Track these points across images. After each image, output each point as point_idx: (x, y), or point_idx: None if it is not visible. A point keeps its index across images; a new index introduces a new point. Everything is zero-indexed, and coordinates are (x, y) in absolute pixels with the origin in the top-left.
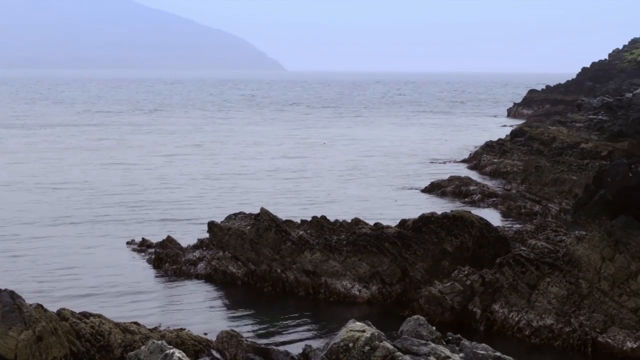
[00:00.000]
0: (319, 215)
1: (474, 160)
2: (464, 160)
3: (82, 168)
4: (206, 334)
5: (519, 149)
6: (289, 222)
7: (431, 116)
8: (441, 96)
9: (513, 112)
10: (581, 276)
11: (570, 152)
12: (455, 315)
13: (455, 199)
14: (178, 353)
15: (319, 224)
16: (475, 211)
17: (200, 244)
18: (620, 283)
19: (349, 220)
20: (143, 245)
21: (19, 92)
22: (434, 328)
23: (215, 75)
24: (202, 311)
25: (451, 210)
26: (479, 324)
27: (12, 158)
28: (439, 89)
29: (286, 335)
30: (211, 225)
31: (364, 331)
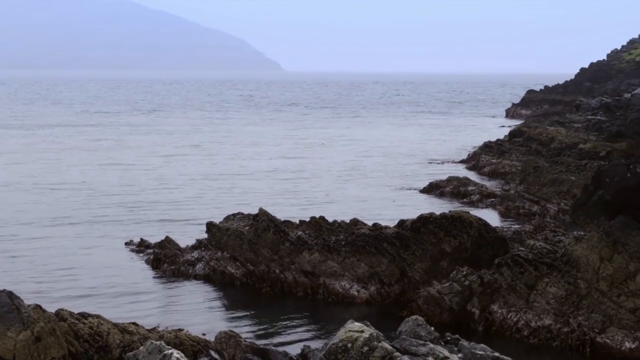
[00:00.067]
0: (318, 216)
1: (473, 161)
2: (462, 161)
3: (81, 168)
4: (205, 335)
5: (517, 149)
6: (287, 223)
7: (429, 116)
8: (439, 97)
9: (511, 113)
10: (580, 276)
11: (569, 153)
12: (453, 315)
13: (453, 200)
14: (176, 354)
15: (318, 224)
16: (474, 211)
17: (198, 244)
18: (619, 283)
19: (348, 221)
20: (141, 246)
21: (17, 93)
22: (432, 328)
23: (213, 75)
24: (201, 312)
25: (450, 211)
26: (477, 324)
27: (11, 158)
28: (437, 90)
29: (285, 335)
30: (209, 225)
31: (362, 331)
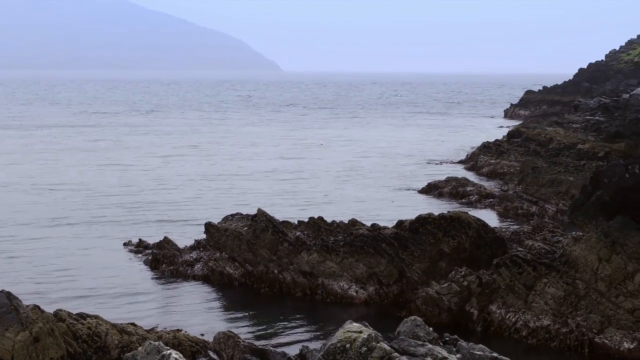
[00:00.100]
0: (316, 216)
1: (471, 161)
2: (460, 161)
3: (79, 169)
4: (203, 335)
5: (515, 149)
6: (286, 223)
7: (428, 117)
8: (438, 97)
9: (510, 113)
10: (578, 277)
11: (567, 153)
12: (452, 316)
13: (452, 200)
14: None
15: (316, 224)
16: (472, 212)
17: (197, 245)
18: (617, 284)
19: (346, 221)
20: (140, 247)
21: (15, 93)
22: (431, 329)
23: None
24: (199, 312)
25: (448, 211)
26: (476, 324)
27: (9, 159)
28: (435, 90)
29: (283, 336)
30: (208, 226)
31: (361, 332)
